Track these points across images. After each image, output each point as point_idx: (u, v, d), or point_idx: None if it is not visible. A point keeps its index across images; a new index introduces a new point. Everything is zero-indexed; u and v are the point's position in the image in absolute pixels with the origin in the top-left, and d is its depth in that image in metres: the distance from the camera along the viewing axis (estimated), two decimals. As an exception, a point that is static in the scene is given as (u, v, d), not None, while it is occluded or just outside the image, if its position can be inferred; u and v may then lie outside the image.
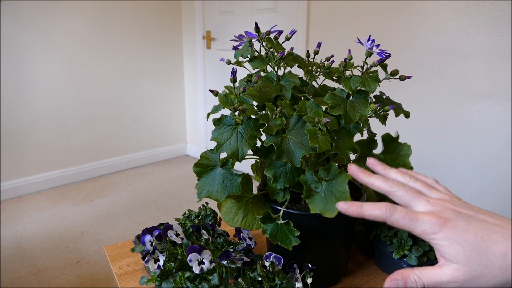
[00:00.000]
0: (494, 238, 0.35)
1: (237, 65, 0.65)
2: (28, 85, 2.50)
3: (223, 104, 0.56)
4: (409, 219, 0.37)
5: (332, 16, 2.17)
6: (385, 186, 0.42)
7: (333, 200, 0.53)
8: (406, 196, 0.40)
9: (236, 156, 0.55)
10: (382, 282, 0.68)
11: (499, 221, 0.37)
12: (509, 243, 0.34)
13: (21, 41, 2.41)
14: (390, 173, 0.45)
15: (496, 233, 0.35)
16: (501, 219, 0.37)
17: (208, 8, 2.93)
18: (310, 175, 0.55)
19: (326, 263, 0.63)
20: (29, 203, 2.49)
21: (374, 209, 0.39)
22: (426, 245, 0.65)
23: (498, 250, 0.34)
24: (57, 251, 1.94)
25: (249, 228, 0.63)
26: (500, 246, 0.34)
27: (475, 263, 0.34)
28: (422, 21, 1.81)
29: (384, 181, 0.42)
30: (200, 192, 0.61)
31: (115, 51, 2.86)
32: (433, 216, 0.37)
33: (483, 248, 0.34)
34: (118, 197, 2.58)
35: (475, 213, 0.38)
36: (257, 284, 0.54)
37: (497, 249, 0.34)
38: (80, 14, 2.62)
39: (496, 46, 1.60)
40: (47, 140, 2.66)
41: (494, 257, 0.34)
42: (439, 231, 0.36)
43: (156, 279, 0.56)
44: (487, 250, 0.34)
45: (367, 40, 0.60)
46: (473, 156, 1.76)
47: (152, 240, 0.60)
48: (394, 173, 0.45)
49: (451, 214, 0.37)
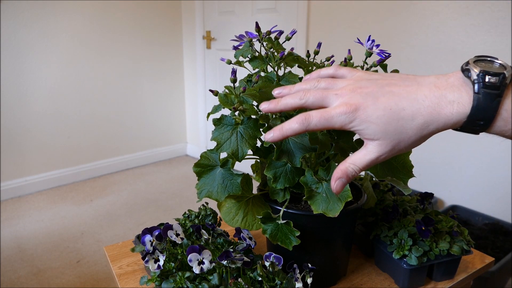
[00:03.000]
0: (401, 105, 0.37)
1: (237, 65, 0.65)
2: (28, 85, 2.50)
3: (223, 104, 0.56)
4: (325, 119, 0.39)
5: (332, 16, 2.17)
6: (295, 100, 0.42)
7: (334, 199, 0.53)
8: (316, 99, 0.41)
9: (236, 156, 0.55)
10: (382, 282, 0.68)
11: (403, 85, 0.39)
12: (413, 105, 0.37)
13: (21, 41, 2.41)
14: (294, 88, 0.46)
15: (402, 100, 0.38)
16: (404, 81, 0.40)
17: (208, 8, 2.93)
18: (310, 176, 0.55)
19: (326, 263, 0.63)
20: (29, 203, 2.49)
21: (292, 124, 0.41)
22: (426, 245, 0.65)
23: (406, 114, 0.37)
24: (57, 251, 1.94)
25: (249, 228, 0.63)
26: (407, 111, 0.37)
27: (391, 133, 0.38)
28: (422, 21, 1.81)
29: (292, 96, 0.43)
30: (200, 192, 0.61)
31: (115, 51, 2.86)
32: (343, 106, 0.39)
33: (394, 119, 0.38)
34: (118, 197, 2.58)
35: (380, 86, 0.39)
36: (257, 284, 0.54)
37: (405, 115, 0.37)
38: (80, 14, 2.62)
39: (496, 46, 1.60)
40: (47, 140, 2.66)
41: (405, 122, 0.37)
42: (353, 118, 0.38)
43: (156, 279, 0.56)
44: (397, 119, 0.37)
45: (367, 40, 0.60)
46: (473, 156, 1.76)
47: (152, 240, 0.60)
48: (298, 85, 0.45)
49: (358, 97, 0.39)
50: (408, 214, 0.73)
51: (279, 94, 0.46)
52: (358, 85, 0.40)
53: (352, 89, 0.40)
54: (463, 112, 0.36)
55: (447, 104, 0.36)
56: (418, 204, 0.76)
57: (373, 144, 0.39)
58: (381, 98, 0.38)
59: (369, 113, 0.38)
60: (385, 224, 0.70)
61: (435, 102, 0.37)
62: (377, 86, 0.39)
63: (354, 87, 0.40)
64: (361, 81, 0.41)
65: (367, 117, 0.38)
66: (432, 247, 0.65)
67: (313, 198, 0.54)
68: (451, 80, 0.38)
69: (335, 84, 0.42)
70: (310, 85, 0.44)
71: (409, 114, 0.37)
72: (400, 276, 0.66)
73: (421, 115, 0.37)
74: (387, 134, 0.38)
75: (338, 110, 0.39)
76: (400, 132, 0.38)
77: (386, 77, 0.41)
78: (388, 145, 0.39)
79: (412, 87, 0.38)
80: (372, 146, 0.40)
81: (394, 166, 0.63)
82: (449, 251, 0.65)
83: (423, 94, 0.37)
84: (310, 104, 0.41)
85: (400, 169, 0.63)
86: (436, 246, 0.65)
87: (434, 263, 0.65)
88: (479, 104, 0.35)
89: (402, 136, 0.38)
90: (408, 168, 0.63)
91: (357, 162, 0.41)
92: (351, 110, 0.38)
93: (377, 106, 0.38)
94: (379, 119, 0.38)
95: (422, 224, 0.65)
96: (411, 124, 0.37)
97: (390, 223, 0.70)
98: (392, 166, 0.62)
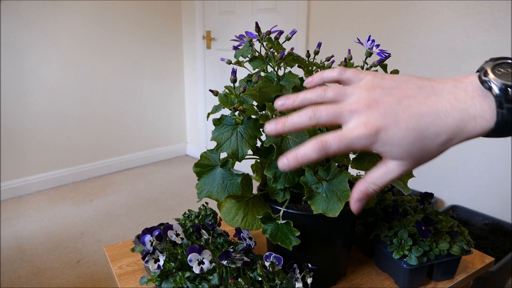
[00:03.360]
0: (423, 124, 0.35)
1: (237, 65, 0.65)
2: (28, 85, 2.50)
3: (223, 104, 0.56)
4: (344, 145, 0.36)
5: (332, 16, 2.17)
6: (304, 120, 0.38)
7: (334, 199, 0.54)
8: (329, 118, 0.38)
9: (236, 156, 0.55)
10: (382, 282, 0.68)
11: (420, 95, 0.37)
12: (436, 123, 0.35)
13: (21, 41, 2.41)
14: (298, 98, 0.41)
15: (424, 117, 0.36)
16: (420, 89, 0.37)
17: (208, 8, 2.93)
18: (310, 176, 0.55)
19: (326, 263, 0.63)
20: (29, 203, 2.49)
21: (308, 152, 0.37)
22: (426, 245, 0.65)
23: (430, 134, 0.36)
24: (57, 251, 1.94)
25: (249, 228, 0.63)
26: (430, 130, 0.35)
27: (414, 154, 0.36)
28: (422, 21, 1.81)
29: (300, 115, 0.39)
30: (200, 192, 0.61)
31: (115, 51, 2.86)
32: (363, 129, 0.36)
33: (417, 139, 0.36)
34: (118, 197, 2.58)
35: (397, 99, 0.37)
36: (257, 284, 0.54)
37: (429, 134, 0.36)
38: (80, 14, 2.62)
39: (496, 46, 1.60)
40: (47, 140, 2.66)
41: (429, 142, 0.36)
42: (375, 140, 0.36)
43: (156, 279, 0.56)
44: (421, 139, 0.36)
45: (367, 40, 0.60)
46: (473, 156, 1.76)
47: (152, 240, 0.60)
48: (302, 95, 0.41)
49: (377, 116, 0.36)
50: (408, 214, 0.73)
51: (282, 106, 0.42)
52: (373, 98, 0.37)
53: (368, 104, 0.37)
54: (487, 127, 0.35)
55: (469, 119, 0.35)
56: (418, 204, 0.76)
57: (395, 164, 0.38)
58: (401, 115, 0.36)
59: (391, 135, 0.36)
60: (385, 224, 0.70)
61: (458, 119, 0.35)
62: (394, 99, 0.37)
63: (370, 101, 0.37)
64: (373, 91, 0.38)
65: (390, 139, 0.36)
66: (432, 247, 0.65)
67: (313, 198, 0.54)
68: (469, 89, 0.36)
69: (346, 95, 0.39)
70: (316, 95, 0.40)
71: (433, 133, 0.35)
72: (400, 276, 0.66)
73: (444, 133, 0.35)
74: (410, 155, 0.36)
75: (357, 133, 0.36)
76: (423, 150, 0.36)
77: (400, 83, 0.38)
78: (410, 164, 0.37)
79: (431, 99, 0.36)
80: (393, 165, 0.38)
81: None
82: (449, 251, 0.65)
83: (444, 109, 0.35)
84: (322, 124, 0.38)
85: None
86: (436, 246, 0.65)
87: (434, 263, 0.65)
88: (504, 120, 0.34)
89: (425, 153, 0.37)
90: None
91: (378, 182, 0.39)
92: (371, 133, 0.36)
93: (399, 126, 0.36)
94: (402, 141, 0.36)
95: (422, 224, 0.65)
96: (434, 142, 0.36)
97: (390, 223, 0.70)
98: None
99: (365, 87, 0.39)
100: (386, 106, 0.36)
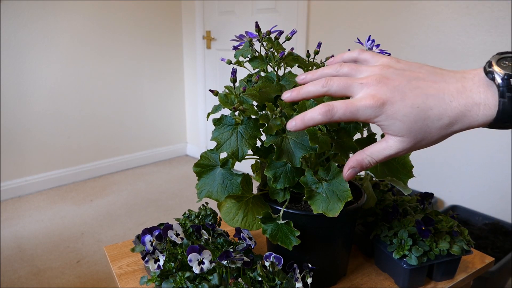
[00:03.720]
0: (429, 104, 0.37)
1: (237, 65, 0.65)
2: (28, 85, 2.50)
3: (223, 104, 0.56)
4: (350, 112, 0.38)
5: (332, 16, 2.17)
6: (317, 88, 0.41)
7: (334, 199, 0.53)
8: (340, 88, 0.40)
9: (236, 156, 0.55)
10: (382, 282, 0.68)
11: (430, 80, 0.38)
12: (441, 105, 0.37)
13: (21, 41, 2.41)
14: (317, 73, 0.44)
15: (429, 98, 0.37)
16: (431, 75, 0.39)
17: (208, 8, 2.93)
18: (310, 176, 0.55)
19: (326, 263, 0.63)
20: (29, 203, 2.49)
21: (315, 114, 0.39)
22: (426, 245, 0.65)
23: (433, 114, 0.37)
24: (57, 251, 1.94)
25: (249, 228, 0.63)
26: (434, 110, 0.37)
27: (416, 132, 0.38)
28: (422, 21, 1.81)
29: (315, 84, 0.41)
30: (200, 192, 0.61)
31: (115, 51, 2.86)
32: (370, 100, 0.37)
33: (420, 117, 0.37)
34: (118, 197, 2.58)
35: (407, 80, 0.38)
36: (257, 284, 0.54)
37: (432, 114, 0.37)
38: (80, 14, 2.62)
39: (496, 46, 1.60)
40: (47, 140, 2.66)
41: (431, 122, 0.37)
42: (380, 113, 0.37)
43: (156, 279, 0.56)
44: (424, 118, 0.37)
45: (367, 40, 0.60)
46: (473, 156, 1.76)
47: (152, 240, 0.60)
48: (321, 70, 0.44)
49: (385, 91, 0.38)
50: (408, 214, 0.73)
51: (303, 80, 0.45)
52: (385, 76, 0.39)
53: (378, 80, 0.38)
54: (490, 115, 0.36)
55: (473, 105, 0.36)
56: (418, 204, 0.76)
57: (395, 140, 0.39)
58: (409, 93, 0.37)
59: (396, 109, 0.37)
60: (385, 224, 0.70)
61: (462, 104, 0.36)
62: (404, 79, 0.38)
63: (380, 77, 0.38)
64: (387, 70, 0.39)
65: (394, 113, 0.37)
66: (432, 247, 0.65)
67: (313, 198, 0.54)
68: (476, 79, 0.37)
69: (359, 71, 0.41)
70: (332, 69, 0.42)
71: (436, 114, 0.37)
72: (400, 276, 0.66)
73: (447, 116, 0.37)
74: (411, 132, 0.38)
75: (364, 102, 0.37)
76: (425, 131, 0.37)
77: (413, 68, 0.40)
78: (410, 143, 0.38)
79: (440, 84, 0.38)
80: (393, 141, 0.39)
81: (394, 166, 0.63)
82: (449, 251, 0.65)
83: (450, 93, 0.37)
84: (333, 93, 0.40)
85: (400, 169, 0.63)
86: (436, 246, 0.65)
87: (434, 263, 0.65)
88: (505, 108, 0.35)
89: (426, 135, 0.38)
90: (408, 168, 0.63)
91: (375, 155, 0.40)
92: (377, 104, 0.37)
93: (405, 102, 0.37)
94: (406, 117, 0.37)
95: (422, 224, 0.65)
96: (436, 124, 0.37)
97: (390, 223, 0.70)
98: (392, 166, 0.62)
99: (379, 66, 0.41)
100: (395, 84, 0.38)
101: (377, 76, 0.39)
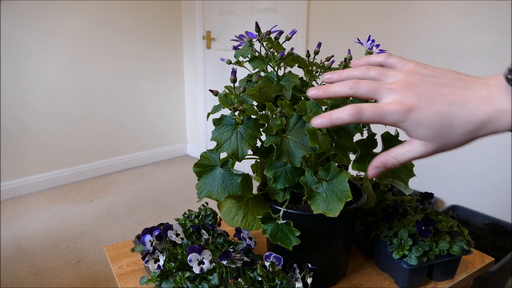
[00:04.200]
0: (453, 111, 0.38)
1: (237, 65, 0.65)
2: (28, 85, 2.50)
3: (223, 104, 0.56)
4: (377, 115, 0.39)
5: (332, 16, 2.17)
6: (345, 89, 0.42)
7: (334, 199, 0.53)
8: (367, 92, 0.41)
9: (236, 156, 0.55)
10: (382, 282, 0.68)
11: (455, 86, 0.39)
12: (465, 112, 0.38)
13: (21, 41, 2.41)
14: (344, 73, 0.45)
15: (455, 105, 0.38)
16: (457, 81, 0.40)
17: (208, 8, 2.93)
18: (310, 176, 0.55)
19: (326, 263, 0.63)
20: (29, 203, 2.49)
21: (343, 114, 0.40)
22: (426, 245, 0.65)
23: (458, 121, 0.38)
24: (57, 251, 1.94)
25: (249, 228, 0.63)
26: (459, 117, 0.38)
27: (440, 137, 0.39)
28: (422, 21, 1.81)
29: (342, 85, 0.42)
30: (200, 192, 0.61)
31: (115, 51, 2.86)
32: (397, 105, 0.38)
33: (445, 124, 0.38)
34: (118, 197, 2.58)
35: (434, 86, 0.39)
36: (257, 284, 0.54)
37: (457, 121, 0.38)
38: (80, 14, 2.62)
39: (496, 46, 1.60)
40: (47, 140, 2.66)
41: (455, 128, 0.38)
42: (406, 118, 0.38)
43: (156, 279, 0.56)
44: (448, 125, 0.38)
45: (367, 40, 0.60)
46: (473, 155, 1.76)
47: (152, 240, 0.60)
48: (347, 71, 0.45)
49: (412, 97, 0.39)
50: (408, 214, 0.73)
51: (329, 79, 0.45)
52: (412, 82, 0.40)
53: (406, 86, 0.39)
54: None
55: (496, 112, 0.37)
56: (418, 204, 0.76)
57: (419, 144, 0.40)
58: (435, 100, 0.38)
59: (422, 116, 0.38)
60: (385, 224, 0.70)
61: (486, 111, 0.37)
62: (430, 85, 0.39)
63: (408, 84, 0.40)
64: (413, 76, 0.40)
65: (420, 119, 0.38)
66: (432, 247, 0.65)
67: (313, 198, 0.54)
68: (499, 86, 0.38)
69: (387, 75, 0.42)
70: (359, 72, 0.43)
71: (460, 120, 0.38)
72: (400, 276, 0.66)
73: (471, 123, 0.37)
74: (435, 137, 0.39)
75: (392, 107, 0.38)
76: (448, 136, 0.38)
77: (439, 74, 0.41)
78: (434, 147, 0.39)
79: (464, 91, 0.39)
80: (417, 145, 0.40)
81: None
82: (449, 251, 0.65)
83: (474, 101, 0.38)
84: (360, 95, 0.41)
85: (401, 169, 0.63)
86: (436, 246, 0.65)
87: (434, 263, 0.65)
88: None
89: (449, 140, 0.39)
90: (409, 167, 0.63)
91: (399, 157, 0.41)
92: (404, 110, 0.38)
93: (430, 109, 0.38)
94: (431, 123, 0.38)
95: (422, 224, 0.65)
96: (460, 130, 0.38)
97: (390, 223, 0.70)
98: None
99: (406, 72, 0.42)
100: (422, 90, 0.39)
101: (404, 82, 0.40)
